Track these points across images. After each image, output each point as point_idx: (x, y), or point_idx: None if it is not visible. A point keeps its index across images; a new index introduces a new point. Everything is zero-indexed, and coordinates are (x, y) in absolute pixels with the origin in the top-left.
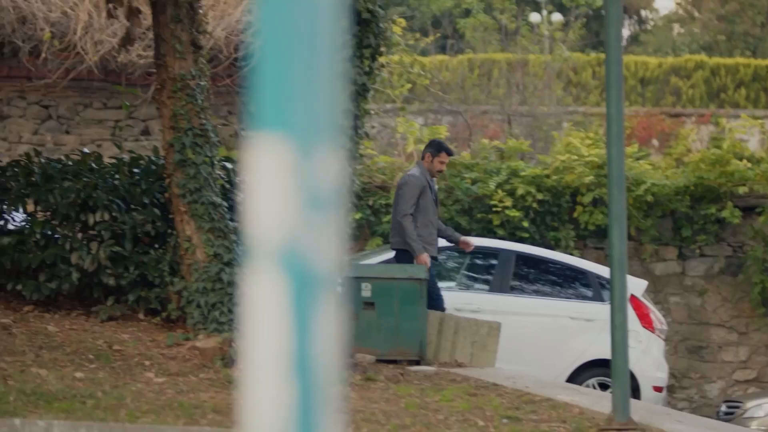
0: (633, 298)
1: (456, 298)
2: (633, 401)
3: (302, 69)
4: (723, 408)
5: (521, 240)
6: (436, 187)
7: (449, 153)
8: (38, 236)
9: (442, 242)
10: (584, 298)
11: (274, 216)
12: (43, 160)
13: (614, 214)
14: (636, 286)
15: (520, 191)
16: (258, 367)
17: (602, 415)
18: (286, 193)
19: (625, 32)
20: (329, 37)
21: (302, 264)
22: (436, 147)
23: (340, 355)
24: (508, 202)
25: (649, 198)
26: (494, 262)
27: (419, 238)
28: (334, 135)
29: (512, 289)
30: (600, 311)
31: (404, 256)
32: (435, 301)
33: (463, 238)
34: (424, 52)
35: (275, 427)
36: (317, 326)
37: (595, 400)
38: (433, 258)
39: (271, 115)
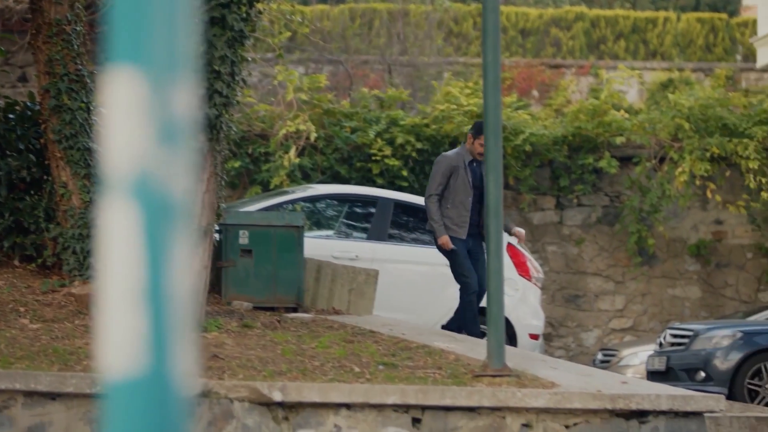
0: (510, 246)
1: (334, 246)
2: (508, 348)
3: (157, 3)
4: (599, 356)
5: (400, 189)
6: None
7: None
8: None
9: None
10: None
11: (127, 148)
12: None
13: (491, 162)
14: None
15: (399, 140)
16: (112, 299)
17: (477, 362)
18: (138, 125)
19: None
20: None
21: (155, 195)
22: (476, 129)
23: (192, 285)
24: (388, 151)
25: (528, 147)
26: (372, 210)
27: (448, 219)
28: (188, 69)
29: (390, 237)
30: None
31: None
32: (462, 279)
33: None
34: (304, 1)
35: (128, 357)
36: (170, 256)
37: (470, 347)
38: (464, 240)
39: (125, 49)
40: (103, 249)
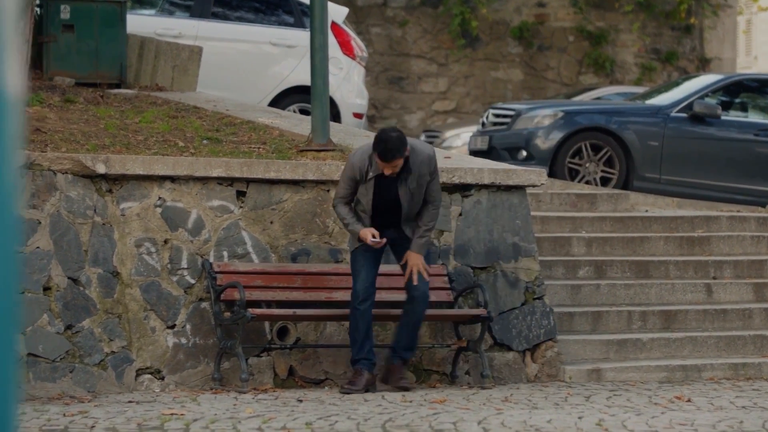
0: (334, 25)
1: (157, 23)
2: (333, 124)
3: None
4: (422, 137)
5: None
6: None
7: (380, 157)
8: None
9: None
10: (286, 24)
11: None
12: None
13: None
14: (337, 12)
15: None
16: None
17: (302, 137)
18: None
19: None
20: None
21: None
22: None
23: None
24: None
25: None
26: None
27: None
28: None
29: (214, 15)
30: (302, 38)
31: None
32: None
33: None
34: None
35: None
36: None
37: (295, 123)
38: None
39: None
40: None
